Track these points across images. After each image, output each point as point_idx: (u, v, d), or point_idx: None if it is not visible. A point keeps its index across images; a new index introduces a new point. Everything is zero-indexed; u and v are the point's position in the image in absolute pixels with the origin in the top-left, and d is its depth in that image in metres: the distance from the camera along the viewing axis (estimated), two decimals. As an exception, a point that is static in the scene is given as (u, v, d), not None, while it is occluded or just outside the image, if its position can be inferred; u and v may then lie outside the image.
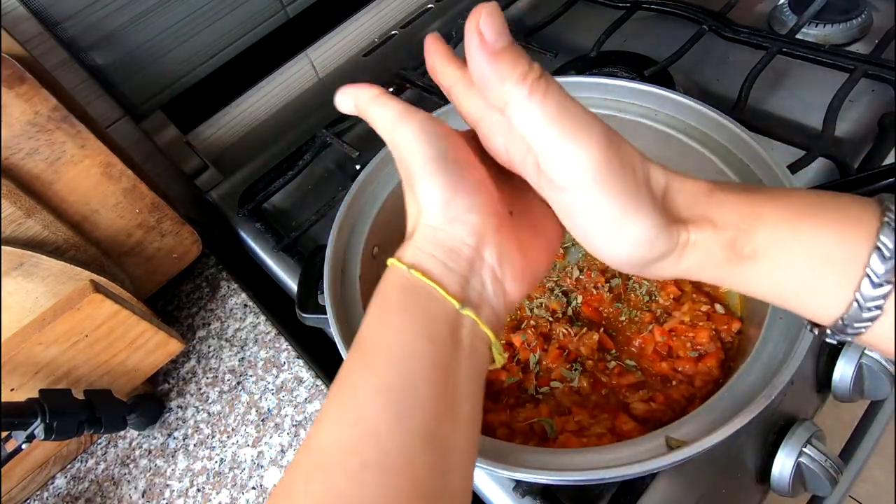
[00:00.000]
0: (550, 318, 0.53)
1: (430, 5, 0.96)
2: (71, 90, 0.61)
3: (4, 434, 0.46)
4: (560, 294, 0.55)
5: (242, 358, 0.61)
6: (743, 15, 0.78)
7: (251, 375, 0.59)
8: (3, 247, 0.45)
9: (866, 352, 0.51)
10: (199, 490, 0.53)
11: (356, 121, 0.78)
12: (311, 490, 0.23)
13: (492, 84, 0.24)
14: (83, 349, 0.50)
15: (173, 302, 0.67)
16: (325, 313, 0.47)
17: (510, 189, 0.30)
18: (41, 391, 0.46)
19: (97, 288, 0.48)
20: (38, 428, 0.44)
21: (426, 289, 0.26)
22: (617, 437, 0.44)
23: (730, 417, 0.36)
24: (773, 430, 0.49)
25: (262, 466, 0.53)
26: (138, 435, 0.58)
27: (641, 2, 0.82)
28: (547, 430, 0.46)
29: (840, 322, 0.24)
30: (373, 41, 0.92)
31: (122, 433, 0.58)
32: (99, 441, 0.58)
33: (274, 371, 0.59)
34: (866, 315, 0.23)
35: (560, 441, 0.44)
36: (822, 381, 0.53)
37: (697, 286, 0.54)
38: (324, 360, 0.60)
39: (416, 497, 0.22)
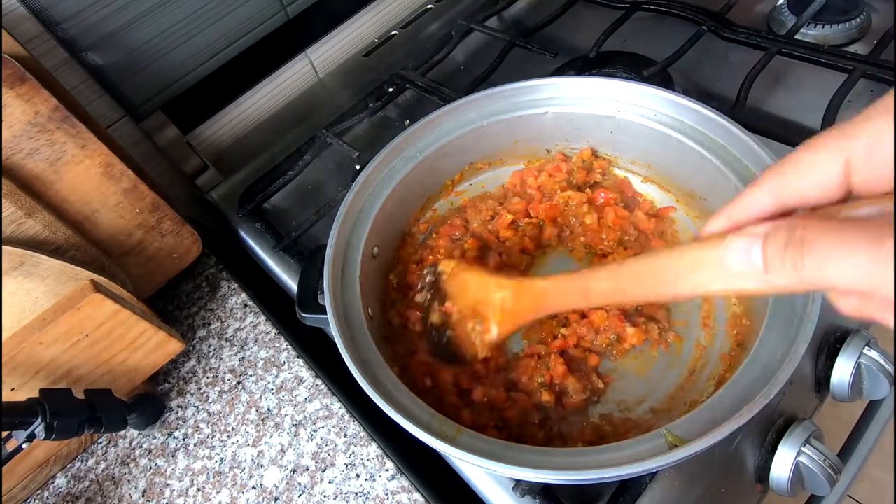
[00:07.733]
0: None
1: (429, 5, 0.96)
2: (71, 90, 0.61)
3: (5, 434, 0.46)
4: None
5: (242, 358, 0.61)
6: (742, 15, 0.78)
7: (251, 375, 0.59)
8: (3, 247, 0.45)
9: (865, 352, 0.51)
10: (199, 489, 0.53)
11: (356, 121, 0.78)
12: None
13: None
14: (83, 349, 0.50)
15: (173, 302, 0.67)
16: (325, 313, 0.47)
17: None
18: (42, 391, 0.46)
19: (97, 288, 0.48)
20: (38, 427, 0.44)
21: None
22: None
23: (729, 416, 0.36)
24: (772, 430, 0.49)
25: (262, 466, 0.53)
26: (138, 434, 0.58)
27: (641, 2, 0.83)
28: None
29: None
30: (373, 41, 0.92)
31: (122, 433, 0.58)
32: (99, 440, 0.58)
33: (274, 371, 0.59)
34: None
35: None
36: (821, 381, 0.53)
37: None
38: (324, 359, 0.60)
39: None
